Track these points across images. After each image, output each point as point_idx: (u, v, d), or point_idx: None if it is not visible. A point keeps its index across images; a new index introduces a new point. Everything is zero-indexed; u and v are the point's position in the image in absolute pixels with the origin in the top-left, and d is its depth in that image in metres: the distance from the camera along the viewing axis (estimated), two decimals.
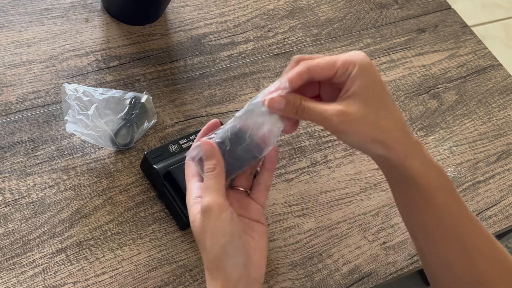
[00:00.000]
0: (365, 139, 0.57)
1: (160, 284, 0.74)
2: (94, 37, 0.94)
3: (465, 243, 0.61)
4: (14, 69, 0.87)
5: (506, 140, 1.02)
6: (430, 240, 0.62)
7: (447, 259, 0.62)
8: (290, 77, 0.58)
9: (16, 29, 0.91)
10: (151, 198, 0.80)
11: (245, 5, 1.06)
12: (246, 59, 0.99)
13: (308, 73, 0.58)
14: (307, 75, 0.58)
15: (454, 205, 0.61)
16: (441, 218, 0.60)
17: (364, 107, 0.57)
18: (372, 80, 0.58)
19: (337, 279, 0.80)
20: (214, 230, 0.58)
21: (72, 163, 0.80)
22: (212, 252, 0.58)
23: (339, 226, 0.85)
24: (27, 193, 0.77)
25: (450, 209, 0.60)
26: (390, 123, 0.58)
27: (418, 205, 0.60)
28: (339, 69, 0.58)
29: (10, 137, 0.81)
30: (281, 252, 0.80)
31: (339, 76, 0.58)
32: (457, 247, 0.61)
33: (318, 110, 0.57)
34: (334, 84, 0.59)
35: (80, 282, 0.72)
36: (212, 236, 0.58)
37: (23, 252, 0.73)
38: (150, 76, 0.92)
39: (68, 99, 0.79)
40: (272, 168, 0.64)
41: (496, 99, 1.08)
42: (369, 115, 0.57)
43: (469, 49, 1.14)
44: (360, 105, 0.57)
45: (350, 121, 0.56)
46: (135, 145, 0.84)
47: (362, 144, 0.58)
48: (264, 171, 0.64)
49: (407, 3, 1.17)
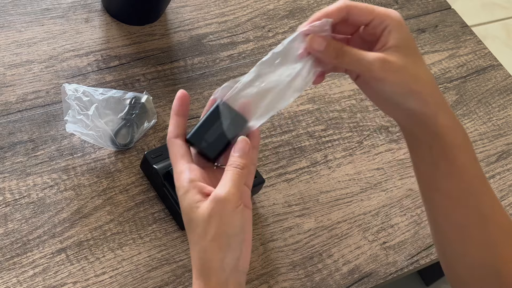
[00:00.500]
0: (403, 89, 0.57)
1: (160, 284, 0.74)
2: (94, 37, 0.94)
3: (480, 208, 0.61)
4: (14, 69, 0.87)
5: (506, 140, 1.02)
6: (448, 203, 0.62)
7: (462, 223, 0.62)
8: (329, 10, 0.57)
9: (16, 29, 0.91)
10: (151, 198, 0.80)
11: (245, 5, 1.06)
12: (246, 59, 0.99)
13: (347, 9, 0.57)
14: (345, 12, 0.57)
15: (474, 167, 0.61)
16: (462, 179, 0.60)
17: (404, 59, 0.56)
18: (408, 35, 0.58)
19: (337, 279, 0.80)
20: (225, 221, 0.56)
21: (72, 163, 0.80)
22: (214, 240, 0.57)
23: (339, 226, 0.85)
24: (27, 193, 0.77)
25: (470, 171, 0.60)
26: (426, 76, 0.58)
27: (441, 166, 0.60)
28: (376, 18, 0.57)
29: (10, 137, 0.81)
30: (281, 252, 0.80)
31: (374, 25, 0.58)
32: (473, 211, 0.61)
33: (360, 55, 0.56)
34: (364, 38, 0.59)
35: (80, 282, 0.72)
36: (220, 225, 0.56)
37: (23, 252, 0.73)
38: (150, 76, 0.92)
39: (68, 99, 0.79)
40: (257, 144, 0.62)
41: (496, 99, 1.08)
42: (409, 66, 0.56)
43: (469, 49, 1.14)
44: (400, 56, 0.56)
45: (392, 69, 0.56)
46: (135, 145, 0.84)
47: (397, 95, 0.57)
48: None
49: (407, 3, 1.17)
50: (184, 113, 0.60)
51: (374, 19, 0.57)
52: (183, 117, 0.60)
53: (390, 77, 0.56)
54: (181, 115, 0.60)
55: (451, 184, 0.61)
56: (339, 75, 1.02)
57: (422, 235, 0.87)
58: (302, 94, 0.97)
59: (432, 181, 0.62)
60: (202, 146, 0.59)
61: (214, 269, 0.57)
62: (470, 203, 0.61)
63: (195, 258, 0.58)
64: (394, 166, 0.94)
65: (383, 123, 0.98)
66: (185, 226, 0.59)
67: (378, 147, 0.95)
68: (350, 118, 0.97)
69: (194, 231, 0.58)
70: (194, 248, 0.58)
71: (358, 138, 0.95)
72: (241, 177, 0.58)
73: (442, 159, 0.60)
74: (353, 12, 0.57)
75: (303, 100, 0.96)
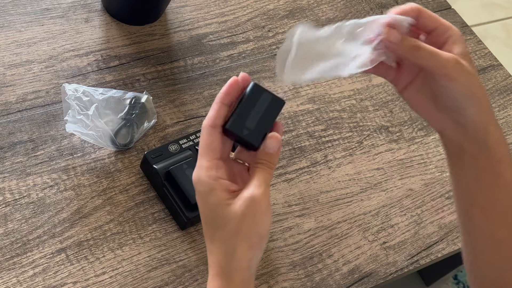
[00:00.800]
0: (467, 91, 0.58)
1: (160, 284, 0.74)
2: (94, 37, 0.94)
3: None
4: (14, 69, 0.87)
5: (506, 140, 1.02)
6: (487, 219, 0.62)
7: (499, 240, 0.62)
8: (405, 8, 0.59)
9: (16, 29, 0.91)
10: (151, 198, 0.80)
11: (245, 5, 1.06)
12: (246, 59, 0.99)
13: (418, 12, 0.60)
14: (417, 13, 0.60)
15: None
16: (505, 195, 0.60)
17: (469, 66, 0.58)
18: (467, 50, 0.60)
19: (337, 279, 0.80)
20: (258, 221, 0.56)
21: (72, 163, 0.80)
22: (246, 239, 0.56)
23: (339, 226, 0.85)
24: (27, 193, 0.77)
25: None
26: (483, 87, 0.60)
27: (485, 179, 0.61)
28: (440, 26, 0.60)
29: (10, 137, 0.81)
30: (281, 252, 0.80)
31: (438, 33, 0.60)
32: (510, 229, 0.61)
33: (436, 51, 0.58)
34: None
35: (80, 282, 0.72)
36: (253, 225, 0.56)
37: (23, 252, 0.73)
38: (150, 76, 0.92)
39: (68, 99, 0.79)
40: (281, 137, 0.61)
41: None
42: (474, 72, 0.59)
43: (469, 49, 1.14)
44: (466, 63, 0.58)
45: (464, 70, 0.58)
46: (135, 145, 0.84)
47: (463, 97, 0.59)
48: None
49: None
50: (230, 102, 0.58)
51: (439, 27, 0.60)
52: (228, 107, 0.58)
53: (462, 77, 0.58)
54: (227, 104, 0.58)
55: (494, 198, 0.61)
56: None
57: (422, 235, 0.87)
58: (301, 94, 0.97)
59: (474, 193, 0.62)
60: (244, 134, 0.56)
61: (241, 268, 0.56)
62: (509, 219, 0.61)
63: (219, 255, 0.57)
64: (394, 166, 0.94)
65: (383, 123, 0.98)
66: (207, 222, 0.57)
67: (378, 147, 0.95)
68: (350, 118, 0.97)
69: (223, 229, 0.56)
70: (219, 245, 0.57)
71: (358, 138, 0.95)
72: (271, 176, 0.57)
73: (487, 172, 0.60)
74: (423, 16, 0.60)
75: (303, 100, 0.96)
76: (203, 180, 0.57)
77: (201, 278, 0.76)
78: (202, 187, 0.57)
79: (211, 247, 0.57)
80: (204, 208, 0.57)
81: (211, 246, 0.58)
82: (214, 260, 0.57)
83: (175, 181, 0.77)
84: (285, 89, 0.97)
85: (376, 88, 1.02)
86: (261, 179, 0.56)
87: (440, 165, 0.95)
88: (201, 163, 0.57)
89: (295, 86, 0.98)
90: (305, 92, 0.97)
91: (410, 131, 0.98)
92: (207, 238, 0.58)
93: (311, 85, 0.99)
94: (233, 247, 0.56)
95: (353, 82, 1.02)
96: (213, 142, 0.57)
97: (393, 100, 1.01)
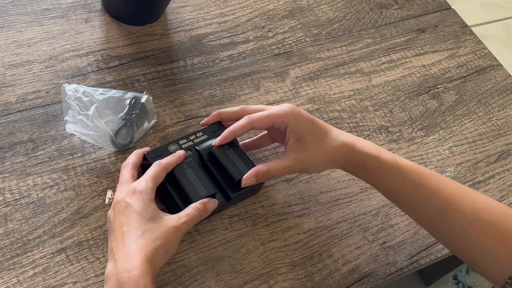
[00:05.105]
0: (321, 166, 0.77)
1: (160, 284, 0.74)
2: (94, 37, 0.94)
3: None
4: (14, 69, 0.87)
5: (506, 140, 1.02)
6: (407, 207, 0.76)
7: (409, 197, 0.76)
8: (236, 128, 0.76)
9: (16, 29, 0.91)
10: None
11: (245, 5, 1.06)
12: (246, 59, 0.99)
13: (250, 126, 0.75)
14: (249, 128, 0.76)
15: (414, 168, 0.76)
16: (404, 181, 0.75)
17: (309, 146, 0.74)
18: (304, 122, 0.75)
19: (337, 279, 0.80)
20: None
21: (72, 163, 0.81)
22: None
23: (339, 226, 0.85)
24: (27, 193, 0.77)
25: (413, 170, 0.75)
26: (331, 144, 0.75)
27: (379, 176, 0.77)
28: (276, 121, 0.75)
29: (10, 137, 0.81)
30: (281, 252, 0.80)
31: (277, 126, 0.76)
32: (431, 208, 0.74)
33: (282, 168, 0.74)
34: None
35: (80, 282, 0.72)
36: None
37: (23, 252, 0.73)
38: (150, 76, 0.92)
39: (68, 99, 0.79)
40: None
41: (496, 99, 1.08)
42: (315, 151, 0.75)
43: (469, 49, 1.14)
44: (306, 147, 0.74)
45: (306, 163, 0.75)
46: (135, 145, 0.84)
47: (320, 168, 0.78)
48: None
49: (407, 3, 1.18)
50: None
51: (275, 123, 0.75)
52: None
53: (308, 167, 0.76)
54: None
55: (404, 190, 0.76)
56: (340, 75, 1.02)
57: (422, 235, 0.87)
58: (301, 94, 0.97)
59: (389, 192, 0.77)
60: None
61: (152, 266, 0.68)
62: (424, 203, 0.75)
63: None
64: None
65: (383, 123, 0.98)
66: None
67: None
68: (350, 118, 0.97)
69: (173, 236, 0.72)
70: None
71: None
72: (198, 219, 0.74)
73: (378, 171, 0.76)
74: (255, 125, 0.76)
75: (303, 100, 0.96)
76: None
77: (201, 278, 0.76)
78: None
79: None
80: None
81: None
82: None
83: (175, 181, 0.76)
84: (285, 89, 0.97)
85: (376, 88, 1.02)
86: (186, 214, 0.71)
87: (439, 165, 0.95)
88: None
89: (295, 86, 0.98)
90: (305, 92, 0.97)
91: (410, 131, 0.98)
92: None
93: (311, 85, 0.99)
94: None
95: (353, 83, 1.02)
96: None
97: (393, 100, 1.01)
